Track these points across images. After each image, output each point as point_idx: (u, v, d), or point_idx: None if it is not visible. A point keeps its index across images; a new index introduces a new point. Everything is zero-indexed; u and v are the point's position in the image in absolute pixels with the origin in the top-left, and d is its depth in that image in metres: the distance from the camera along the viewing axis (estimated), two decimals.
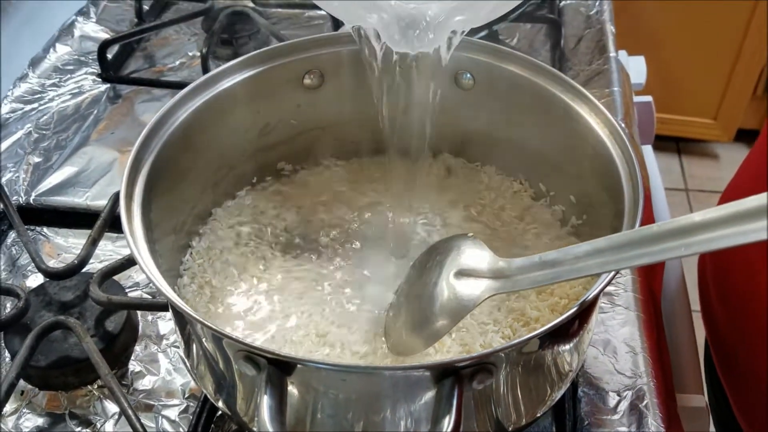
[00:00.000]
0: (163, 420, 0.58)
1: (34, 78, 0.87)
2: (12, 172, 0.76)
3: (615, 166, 0.48)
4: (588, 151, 0.51)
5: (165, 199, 0.51)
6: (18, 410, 0.58)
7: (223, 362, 0.45)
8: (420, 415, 0.42)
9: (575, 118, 0.52)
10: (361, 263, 0.56)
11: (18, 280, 0.68)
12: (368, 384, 0.41)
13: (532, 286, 0.44)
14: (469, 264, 0.46)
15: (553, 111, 0.54)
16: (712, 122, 2.09)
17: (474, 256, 0.46)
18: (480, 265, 0.46)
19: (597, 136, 0.50)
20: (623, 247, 0.39)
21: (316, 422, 0.44)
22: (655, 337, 0.60)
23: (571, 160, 0.54)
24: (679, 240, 0.36)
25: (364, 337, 0.51)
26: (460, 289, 0.45)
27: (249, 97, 0.58)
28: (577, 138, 0.52)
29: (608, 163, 0.49)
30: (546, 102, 0.54)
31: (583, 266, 0.41)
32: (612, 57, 0.87)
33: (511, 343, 0.38)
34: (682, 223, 0.36)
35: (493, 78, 0.56)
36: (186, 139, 0.54)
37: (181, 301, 0.41)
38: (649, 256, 0.38)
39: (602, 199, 0.50)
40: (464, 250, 0.47)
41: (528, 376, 0.44)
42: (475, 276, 0.45)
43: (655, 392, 0.56)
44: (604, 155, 0.49)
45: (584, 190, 0.54)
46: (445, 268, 0.47)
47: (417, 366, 0.40)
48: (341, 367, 0.39)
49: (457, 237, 0.49)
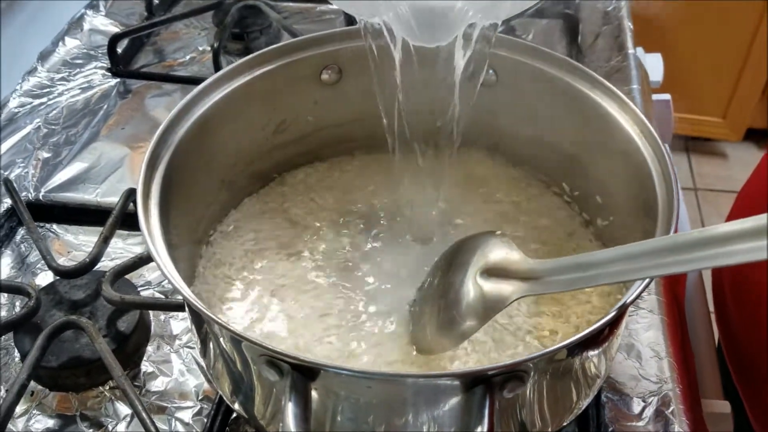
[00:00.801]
0: (176, 422, 0.56)
1: (43, 72, 0.86)
2: (21, 168, 0.75)
3: (646, 166, 0.47)
4: (616, 151, 0.50)
5: (181, 197, 0.49)
6: (28, 411, 0.57)
7: (241, 364, 0.44)
8: (443, 421, 0.41)
9: (603, 115, 0.50)
10: (383, 259, 0.55)
11: (27, 278, 0.66)
12: (394, 390, 0.40)
13: (564, 289, 0.43)
14: (497, 263, 0.44)
15: (580, 108, 0.52)
16: (721, 121, 2.08)
17: (502, 255, 0.44)
18: (509, 265, 0.44)
19: (627, 134, 0.49)
20: (662, 253, 0.37)
21: (335, 426, 0.42)
22: (679, 342, 0.59)
23: (597, 160, 0.52)
24: (722, 248, 0.35)
25: (389, 340, 0.49)
26: (488, 290, 0.44)
27: (265, 93, 0.56)
28: (605, 136, 0.51)
29: (639, 163, 0.48)
30: (572, 99, 0.52)
31: (619, 270, 0.39)
32: (630, 54, 0.86)
33: (546, 351, 0.37)
34: (726, 230, 0.35)
35: (516, 74, 0.54)
36: (202, 136, 0.52)
37: (200, 302, 0.40)
38: (689, 264, 0.36)
39: (631, 201, 0.49)
40: (492, 248, 0.45)
41: (556, 384, 0.43)
42: (503, 276, 0.44)
43: (681, 398, 0.55)
44: (635, 155, 0.48)
45: (611, 190, 0.52)
46: (471, 267, 0.45)
47: (447, 374, 0.38)
48: (368, 374, 0.38)
49: (484, 234, 0.47)
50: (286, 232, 0.57)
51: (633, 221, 0.49)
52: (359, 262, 0.55)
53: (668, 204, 0.44)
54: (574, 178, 0.57)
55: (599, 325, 0.38)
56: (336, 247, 0.56)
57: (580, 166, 0.55)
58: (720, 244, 0.34)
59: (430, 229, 0.55)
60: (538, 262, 0.43)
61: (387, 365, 0.47)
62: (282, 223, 0.58)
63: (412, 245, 0.56)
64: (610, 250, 0.40)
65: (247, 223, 0.58)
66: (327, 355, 0.49)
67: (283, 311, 0.52)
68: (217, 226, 0.57)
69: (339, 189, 0.61)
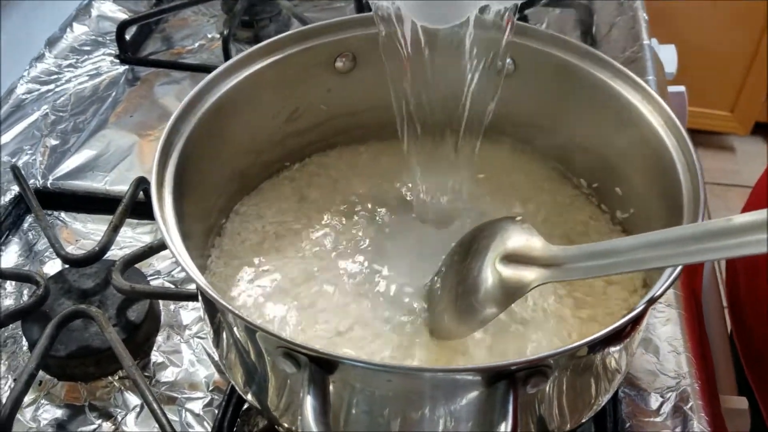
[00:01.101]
0: (186, 413, 0.56)
1: (50, 58, 0.85)
2: (29, 155, 0.74)
3: (669, 156, 0.46)
4: (638, 141, 0.49)
5: (194, 186, 0.48)
6: (36, 401, 0.56)
7: (255, 355, 0.43)
8: (461, 415, 0.40)
9: (625, 106, 0.49)
10: (397, 246, 0.54)
11: (35, 266, 0.66)
12: (414, 385, 0.39)
13: (586, 276, 0.42)
14: (517, 249, 0.43)
15: (601, 99, 0.51)
16: (729, 114, 2.06)
17: (523, 241, 0.43)
18: (530, 251, 0.43)
19: (649, 125, 0.48)
20: (688, 241, 0.36)
21: (350, 418, 0.42)
22: (697, 336, 0.58)
23: (618, 151, 0.51)
24: (750, 236, 0.34)
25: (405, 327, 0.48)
26: (507, 276, 0.43)
27: (278, 81, 0.55)
28: (627, 127, 0.50)
29: (662, 153, 0.47)
30: (592, 89, 0.51)
31: (644, 258, 0.38)
32: (646, 44, 0.84)
33: (572, 346, 0.36)
34: (756, 218, 0.34)
35: (535, 63, 0.53)
36: (214, 124, 0.51)
37: (215, 292, 0.39)
38: (716, 252, 0.35)
39: (653, 192, 0.48)
40: (511, 234, 0.44)
41: (577, 380, 0.42)
42: (523, 262, 0.43)
43: (700, 394, 0.54)
44: (658, 146, 0.47)
45: (632, 182, 0.51)
46: (491, 253, 0.44)
47: (470, 368, 0.38)
48: (389, 368, 0.37)
49: (503, 220, 0.46)
50: (299, 221, 0.56)
51: (655, 213, 0.48)
52: (373, 250, 0.54)
53: (694, 195, 0.43)
54: (593, 169, 0.56)
55: (628, 318, 0.37)
56: (349, 235, 0.55)
57: (600, 156, 0.54)
58: (748, 233, 0.33)
59: (445, 216, 0.54)
60: (561, 248, 0.42)
61: (402, 353, 0.47)
62: (294, 212, 0.57)
63: (427, 232, 0.55)
64: (635, 237, 0.39)
65: (259, 212, 0.57)
66: (340, 344, 0.48)
67: (296, 300, 0.51)
68: (228, 216, 0.56)
69: (352, 177, 0.60)
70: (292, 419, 0.45)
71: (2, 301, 0.63)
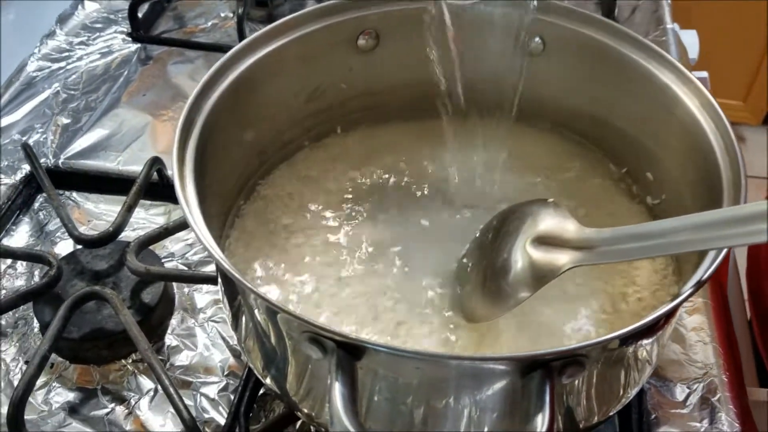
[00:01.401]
0: (201, 398, 0.54)
1: (61, 35, 0.83)
2: (40, 134, 0.73)
3: (707, 141, 0.44)
4: (674, 125, 0.47)
5: (214, 165, 0.47)
6: (48, 384, 0.55)
7: (276, 338, 0.42)
8: (489, 405, 0.39)
9: (661, 88, 0.48)
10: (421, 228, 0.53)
11: (47, 246, 0.64)
12: (444, 372, 0.38)
13: (620, 260, 0.41)
14: (549, 231, 0.42)
15: (634, 80, 0.49)
16: (740, 104, 2.04)
17: (555, 223, 0.43)
18: (563, 233, 0.42)
19: (686, 108, 0.46)
20: (731, 223, 0.35)
21: (372, 405, 0.40)
22: (724, 326, 0.57)
23: (651, 134, 0.50)
24: None
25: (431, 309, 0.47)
26: (538, 258, 0.42)
27: (299, 58, 0.54)
28: (661, 110, 0.48)
29: (699, 138, 0.45)
30: (624, 69, 0.50)
31: (684, 241, 0.37)
32: (669, 28, 0.83)
33: (611, 336, 0.35)
34: None
35: (565, 42, 0.52)
36: (234, 102, 0.50)
37: (239, 273, 0.37)
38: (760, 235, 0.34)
39: (688, 178, 0.46)
40: (544, 216, 0.43)
41: (608, 371, 0.41)
42: (556, 245, 0.42)
43: (728, 385, 0.53)
44: (694, 129, 0.45)
45: (665, 167, 0.50)
46: (522, 235, 0.43)
47: (505, 357, 0.36)
48: (420, 354, 0.35)
49: (535, 202, 0.45)
50: (320, 202, 0.55)
51: (689, 199, 0.46)
52: (396, 231, 0.53)
53: (734, 180, 0.41)
54: (624, 153, 0.54)
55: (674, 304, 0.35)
56: (371, 216, 0.54)
57: (632, 140, 0.52)
58: None
59: (474, 197, 0.53)
60: (595, 231, 0.41)
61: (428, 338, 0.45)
62: (315, 193, 0.55)
63: (453, 214, 0.53)
64: (673, 219, 0.38)
65: (279, 192, 0.55)
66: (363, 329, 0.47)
67: (317, 284, 0.49)
68: (248, 196, 0.54)
69: (373, 157, 0.58)
70: (312, 404, 0.44)
71: (14, 282, 0.61)
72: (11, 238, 0.65)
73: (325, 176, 0.57)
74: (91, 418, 0.53)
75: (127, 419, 0.53)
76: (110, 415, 0.54)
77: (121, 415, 0.54)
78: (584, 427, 0.44)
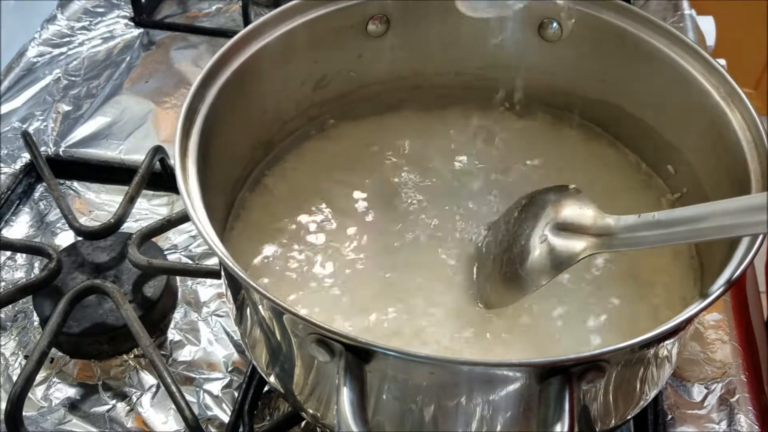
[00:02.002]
0: (204, 394, 0.53)
1: (62, 20, 0.82)
2: (40, 121, 0.71)
3: (733, 133, 0.42)
4: (698, 115, 0.45)
5: (217, 155, 0.45)
6: (48, 379, 0.54)
7: (280, 336, 0.40)
8: (498, 406, 0.38)
9: (684, 77, 0.46)
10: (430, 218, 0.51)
11: (47, 238, 0.63)
12: (456, 377, 0.36)
13: (638, 247, 0.41)
14: (569, 218, 0.42)
15: (655, 68, 0.47)
16: (752, 92, 2.01)
17: (575, 209, 0.42)
18: (582, 219, 0.41)
19: (711, 98, 0.44)
20: (760, 210, 0.33)
21: (379, 406, 0.39)
22: (744, 326, 0.55)
23: (673, 125, 0.48)
24: None
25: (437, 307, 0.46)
26: (557, 244, 0.42)
27: (307, 44, 0.52)
28: (684, 99, 0.46)
29: (724, 129, 0.43)
30: (646, 57, 0.48)
31: (708, 228, 0.36)
32: (687, 14, 0.80)
33: (638, 340, 0.33)
34: None
35: (584, 28, 0.50)
36: (240, 90, 0.48)
37: (242, 271, 0.36)
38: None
39: (711, 171, 0.45)
40: (564, 203, 0.43)
41: (628, 373, 0.39)
42: (575, 231, 0.41)
43: (747, 386, 0.51)
44: (720, 121, 0.43)
45: (687, 159, 0.48)
46: (542, 221, 0.43)
47: (523, 363, 0.34)
48: (433, 359, 0.34)
49: (555, 188, 0.45)
50: (328, 194, 0.53)
51: (712, 192, 0.44)
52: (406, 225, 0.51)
53: (763, 175, 0.39)
54: (643, 144, 0.52)
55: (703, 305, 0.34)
56: (381, 208, 0.52)
57: (650, 130, 0.50)
58: None
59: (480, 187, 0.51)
60: (616, 218, 0.41)
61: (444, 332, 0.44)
62: (323, 184, 0.54)
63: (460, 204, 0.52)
64: (697, 206, 0.37)
65: (284, 184, 0.53)
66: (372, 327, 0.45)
67: (325, 279, 0.48)
68: (254, 187, 0.53)
69: (382, 147, 0.56)
70: (318, 405, 0.43)
71: (13, 274, 0.60)
72: (11, 229, 0.63)
73: (333, 167, 0.55)
74: (91, 415, 0.52)
75: (129, 416, 0.52)
76: (111, 411, 0.52)
77: (122, 411, 0.52)
78: (600, 431, 0.43)
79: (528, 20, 0.51)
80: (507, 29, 0.50)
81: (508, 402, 0.37)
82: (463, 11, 0.50)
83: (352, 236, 0.51)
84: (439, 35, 0.53)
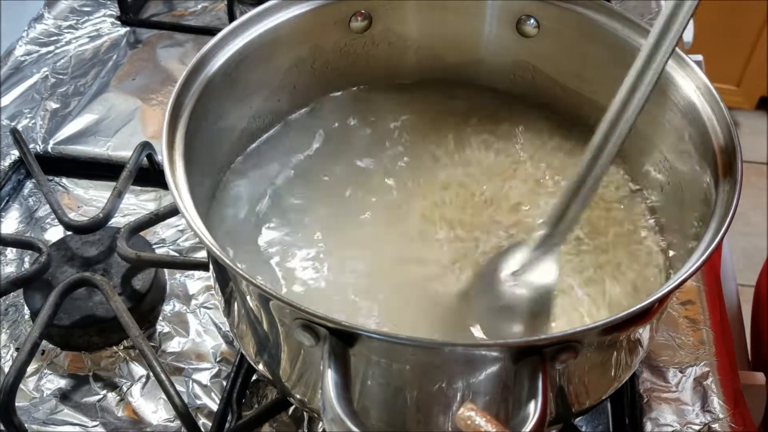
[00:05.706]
0: (193, 384, 0.54)
1: (50, 19, 0.82)
2: (29, 119, 0.72)
3: (703, 125, 0.44)
4: (674, 115, 0.47)
5: (204, 147, 0.46)
6: (39, 371, 0.55)
7: (268, 324, 0.41)
8: (478, 388, 0.39)
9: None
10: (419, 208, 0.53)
11: (36, 233, 0.64)
12: (436, 358, 0.37)
13: (575, 225, 0.45)
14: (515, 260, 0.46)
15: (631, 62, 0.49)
16: (734, 89, 2.04)
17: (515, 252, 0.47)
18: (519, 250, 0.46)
19: (682, 91, 0.46)
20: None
21: (364, 390, 0.40)
22: (717, 311, 0.57)
23: (649, 124, 0.49)
24: None
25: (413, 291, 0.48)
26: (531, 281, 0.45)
27: (291, 40, 0.53)
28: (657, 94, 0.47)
29: (696, 122, 0.45)
30: (621, 53, 0.49)
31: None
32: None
33: (608, 320, 0.34)
34: None
35: (562, 24, 0.51)
36: (225, 85, 0.49)
37: (231, 260, 0.37)
38: None
39: (687, 169, 0.46)
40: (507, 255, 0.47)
41: (601, 355, 0.41)
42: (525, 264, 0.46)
43: (719, 369, 0.53)
44: (691, 114, 0.45)
45: (662, 156, 0.49)
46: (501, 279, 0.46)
47: (498, 344, 0.36)
48: (415, 341, 0.35)
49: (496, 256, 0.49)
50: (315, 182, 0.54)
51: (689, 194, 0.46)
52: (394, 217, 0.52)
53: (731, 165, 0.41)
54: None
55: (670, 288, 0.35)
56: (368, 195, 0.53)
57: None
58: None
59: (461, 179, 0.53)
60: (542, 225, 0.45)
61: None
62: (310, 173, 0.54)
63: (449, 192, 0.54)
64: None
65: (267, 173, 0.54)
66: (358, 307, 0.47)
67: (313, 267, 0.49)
68: (235, 179, 0.54)
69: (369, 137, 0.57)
70: (305, 390, 0.44)
71: (3, 268, 0.61)
72: (1, 224, 0.64)
73: (320, 155, 0.56)
74: (83, 405, 0.53)
75: (119, 406, 0.53)
76: (102, 401, 0.53)
77: (113, 401, 0.53)
78: (576, 411, 0.45)
79: (506, 16, 0.52)
80: (485, 25, 0.51)
81: (487, 382, 0.38)
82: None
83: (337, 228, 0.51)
84: (419, 31, 0.55)
